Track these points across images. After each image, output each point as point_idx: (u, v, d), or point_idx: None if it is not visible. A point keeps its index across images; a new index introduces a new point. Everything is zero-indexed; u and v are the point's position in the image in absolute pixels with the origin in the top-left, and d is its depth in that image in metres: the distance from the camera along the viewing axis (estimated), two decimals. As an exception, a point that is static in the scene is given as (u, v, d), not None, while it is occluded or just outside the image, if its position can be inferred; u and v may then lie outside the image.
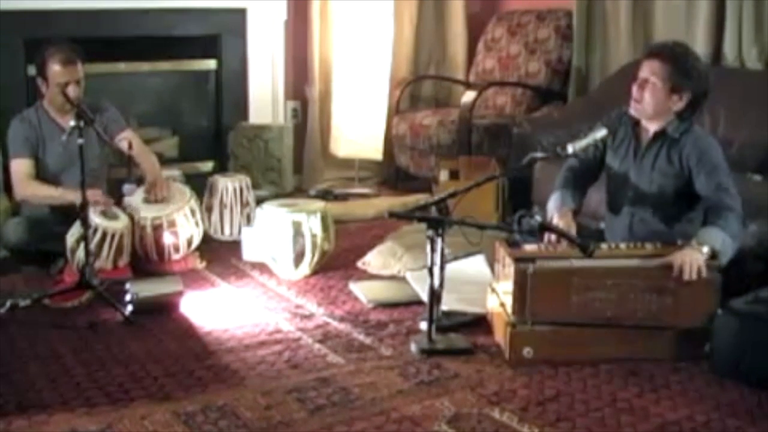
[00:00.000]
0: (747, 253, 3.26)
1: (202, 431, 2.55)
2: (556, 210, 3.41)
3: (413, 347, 3.15)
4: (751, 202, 3.34)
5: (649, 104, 3.25)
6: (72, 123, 3.49)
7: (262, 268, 4.04)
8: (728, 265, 3.12)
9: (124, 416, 2.63)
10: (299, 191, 5.59)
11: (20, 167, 4.02)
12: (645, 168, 3.33)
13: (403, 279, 3.80)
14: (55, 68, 3.89)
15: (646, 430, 2.59)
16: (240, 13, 5.50)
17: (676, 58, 3.24)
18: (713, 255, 3.05)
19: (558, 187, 3.51)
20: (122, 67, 5.24)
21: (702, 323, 3.01)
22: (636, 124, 3.38)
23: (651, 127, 3.33)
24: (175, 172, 4.75)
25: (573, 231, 3.28)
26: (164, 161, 4.63)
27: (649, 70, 3.25)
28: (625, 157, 3.40)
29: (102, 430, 2.55)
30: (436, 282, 3.11)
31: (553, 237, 3.24)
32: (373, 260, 4.10)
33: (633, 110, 3.31)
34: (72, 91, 3.85)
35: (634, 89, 3.28)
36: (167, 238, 3.99)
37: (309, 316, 3.50)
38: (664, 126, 3.29)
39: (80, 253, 3.62)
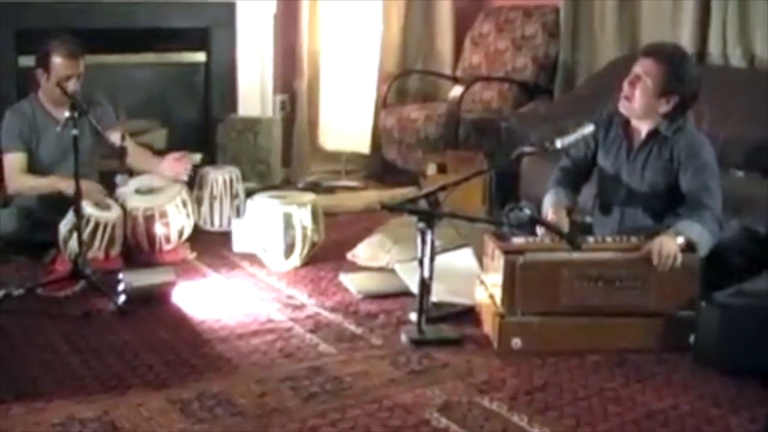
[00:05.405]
0: (729, 248, 3.31)
1: (198, 418, 2.59)
2: (551, 206, 3.43)
3: (403, 337, 3.19)
4: (733, 198, 3.39)
5: (638, 102, 3.27)
6: (66, 114, 3.51)
7: (252, 259, 4.06)
8: (711, 259, 3.16)
9: (120, 404, 2.66)
10: (287, 183, 5.61)
11: (13, 162, 4.03)
12: (637, 167, 3.36)
13: (391, 271, 3.84)
14: (58, 61, 3.90)
15: (633, 419, 2.64)
16: (229, 7, 5.52)
17: (671, 61, 3.25)
18: (690, 246, 3.10)
19: (551, 185, 3.54)
20: (112, 59, 5.23)
21: (684, 309, 3.07)
22: (627, 123, 3.40)
23: (643, 127, 3.36)
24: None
25: (565, 226, 3.31)
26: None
27: (643, 68, 3.26)
28: (617, 156, 3.42)
29: (99, 417, 2.58)
30: (426, 273, 3.15)
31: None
32: (362, 252, 4.13)
33: (622, 107, 3.33)
34: (72, 85, 3.87)
35: (625, 85, 3.29)
36: (159, 229, 4.01)
37: (300, 307, 3.53)
38: (656, 126, 3.32)
39: (73, 242, 3.65)
